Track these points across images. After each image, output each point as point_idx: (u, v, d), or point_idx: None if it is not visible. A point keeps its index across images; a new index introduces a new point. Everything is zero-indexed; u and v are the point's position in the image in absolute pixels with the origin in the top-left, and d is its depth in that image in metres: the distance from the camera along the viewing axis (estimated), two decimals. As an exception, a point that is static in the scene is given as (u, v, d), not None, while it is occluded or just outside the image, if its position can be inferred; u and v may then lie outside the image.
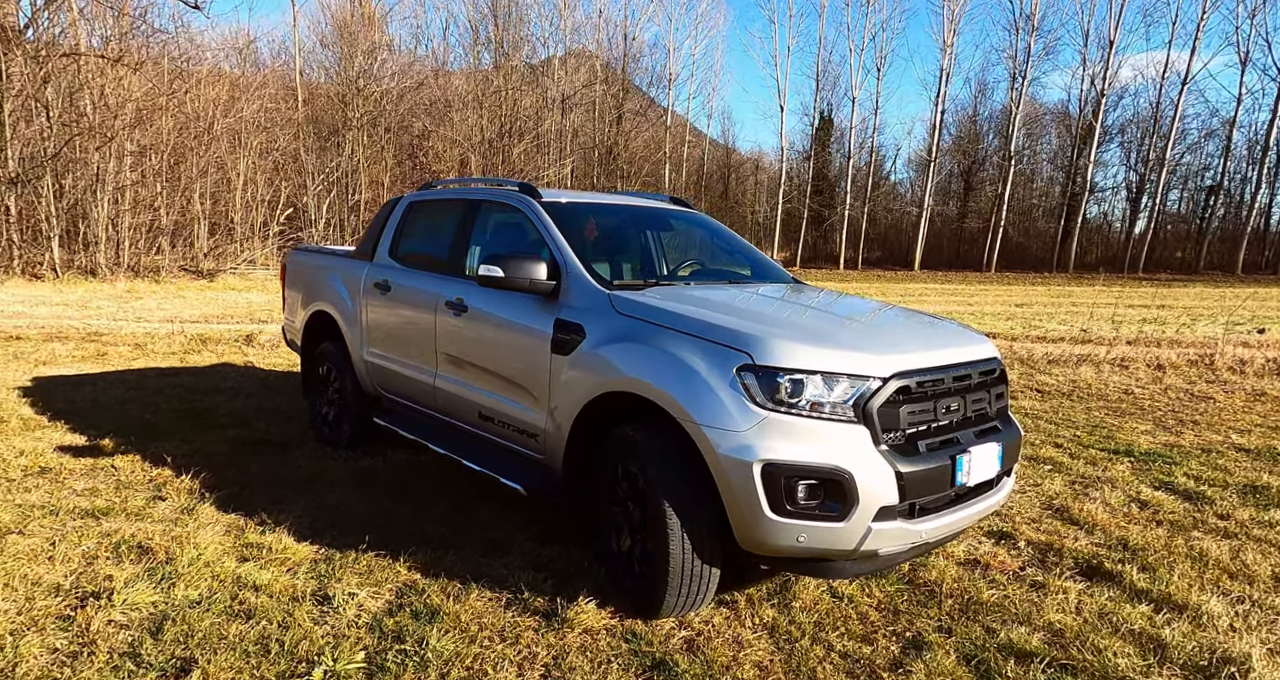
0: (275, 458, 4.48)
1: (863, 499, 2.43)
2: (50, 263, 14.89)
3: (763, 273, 4.22)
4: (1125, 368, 8.76)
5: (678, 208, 4.47)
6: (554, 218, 3.49)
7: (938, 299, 20.48)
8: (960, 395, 2.81)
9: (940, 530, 2.71)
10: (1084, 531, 3.82)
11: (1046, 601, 3.04)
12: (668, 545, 2.58)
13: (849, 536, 2.47)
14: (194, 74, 18.80)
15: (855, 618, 2.90)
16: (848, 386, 2.52)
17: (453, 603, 2.80)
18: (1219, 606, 2.99)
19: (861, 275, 36.43)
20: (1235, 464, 5.06)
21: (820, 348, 2.58)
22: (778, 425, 2.45)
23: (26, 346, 7.87)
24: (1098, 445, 5.51)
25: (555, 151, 30.43)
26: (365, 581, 2.94)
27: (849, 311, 3.33)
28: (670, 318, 2.80)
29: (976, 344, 3.10)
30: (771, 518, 2.43)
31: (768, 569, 2.76)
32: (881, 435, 2.53)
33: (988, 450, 2.80)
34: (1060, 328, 12.80)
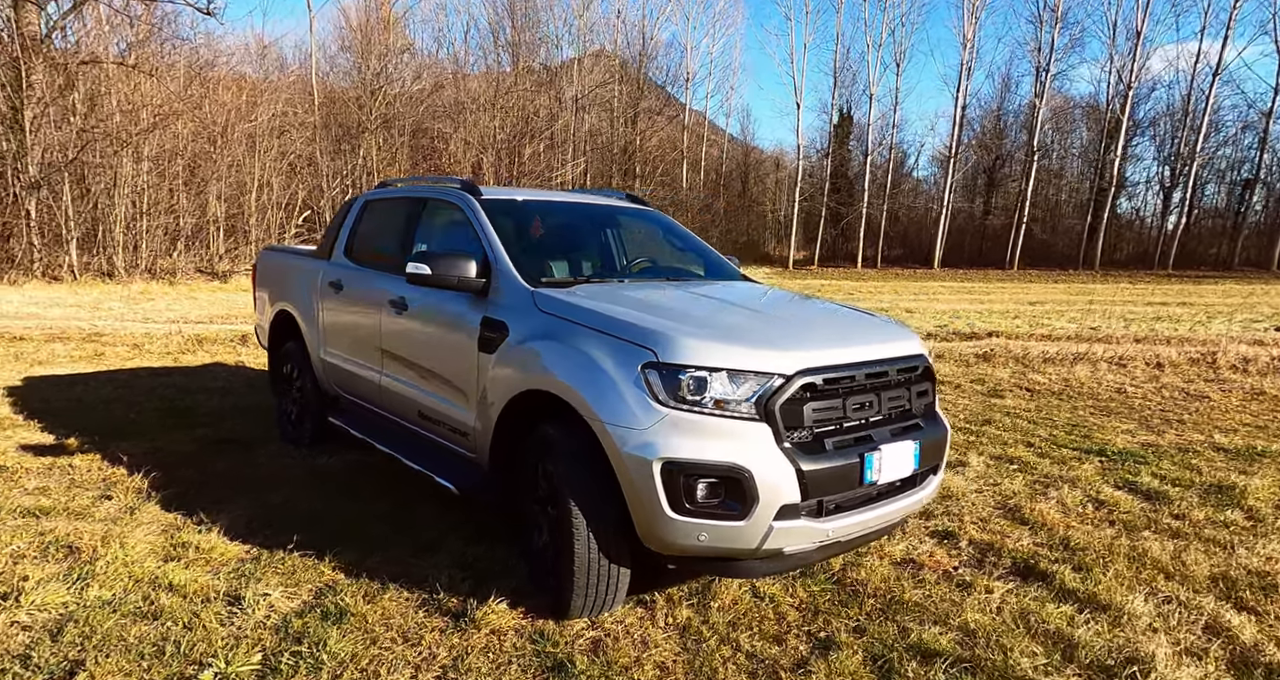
0: (235, 456, 4.58)
1: (763, 497, 2.41)
2: (69, 265, 15.36)
3: (715, 270, 4.21)
4: (1123, 366, 8.58)
5: (632, 206, 4.47)
6: (490, 215, 3.50)
7: (950, 297, 20.19)
8: (875, 392, 2.78)
9: (852, 529, 2.69)
10: (1030, 531, 3.77)
11: (969, 601, 3.01)
12: (573, 545, 2.59)
13: (750, 535, 2.45)
14: (211, 79, 19.22)
15: (772, 618, 2.89)
16: (751, 384, 2.50)
17: (365, 603, 2.82)
18: (1143, 607, 2.94)
19: (879, 273, 36.01)
20: (1209, 464, 4.94)
21: (725, 345, 2.55)
22: (679, 423, 2.43)
23: (28, 347, 8.14)
24: (1072, 444, 5.41)
25: (568, 152, 30.55)
26: (286, 582, 2.97)
27: (775, 309, 3.31)
28: (586, 315, 2.80)
29: (899, 341, 3.07)
30: (672, 516, 2.42)
31: (675, 568, 2.74)
32: (785, 433, 2.50)
33: (902, 448, 2.76)
34: (1068, 326, 12.56)
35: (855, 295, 20.33)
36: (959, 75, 40.57)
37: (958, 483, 4.49)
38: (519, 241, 3.60)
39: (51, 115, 15.28)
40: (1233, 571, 3.28)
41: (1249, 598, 3.05)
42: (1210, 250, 42.26)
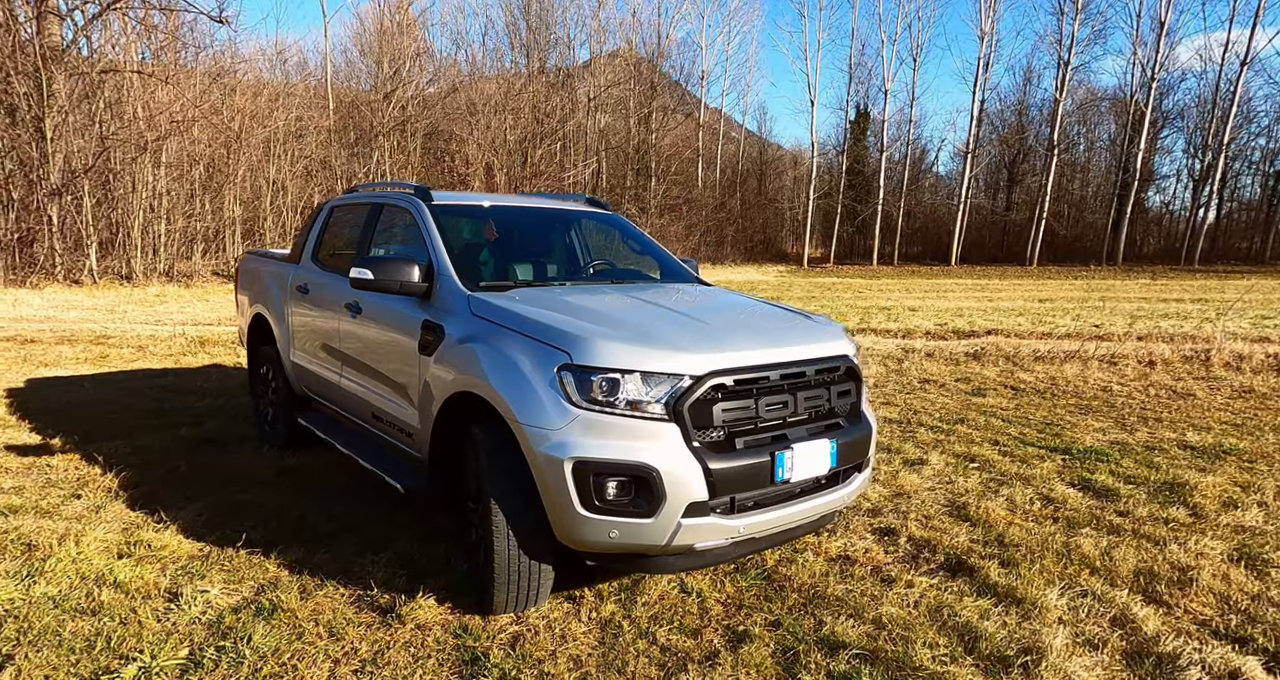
0: (210, 456, 4.76)
1: (670, 495, 2.50)
2: (89, 269, 15.86)
3: (670, 273, 4.30)
4: (1113, 364, 8.52)
5: (592, 210, 4.57)
6: (437, 219, 3.61)
7: (960, 294, 20.02)
8: (791, 393, 2.85)
9: (766, 525, 2.76)
10: (971, 528, 3.82)
11: (889, 596, 3.09)
12: (493, 542, 2.68)
13: (659, 532, 2.53)
14: (228, 85, 19.68)
15: (695, 612, 2.96)
16: (662, 386, 2.57)
17: (299, 600, 2.91)
18: (1056, 600, 3.00)
19: (895, 271, 35.73)
20: (1170, 462, 4.94)
21: (638, 348, 2.62)
22: (591, 423, 2.52)
23: (37, 349, 8.47)
24: (1039, 443, 5.43)
25: (580, 152, 30.74)
26: (229, 578, 3.07)
27: (706, 312, 3.38)
28: (512, 319, 2.90)
29: (823, 342, 3.12)
30: (583, 514, 2.51)
31: (594, 565, 2.81)
32: (694, 433, 2.58)
33: (817, 447, 2.83)
34: (1071, 324, 12.43)
35: (864, 293, 20.25)
36: (976, 70, 40.09)
37: (913, 481, 4.54)
38: (466, 245, 3.72)
39: (72, 123, 15.77)
40: (1157, 567, 3.32)
41: (1164, 592, 3.09)
42: (1242, 244, 41.32)
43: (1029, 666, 2.55)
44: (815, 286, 23.37)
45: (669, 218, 32.08)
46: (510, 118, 24.97)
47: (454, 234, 3.67)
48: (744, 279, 26.21)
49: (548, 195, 4.80)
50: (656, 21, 40.93)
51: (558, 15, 36.89)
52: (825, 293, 20.31)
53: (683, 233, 32.30)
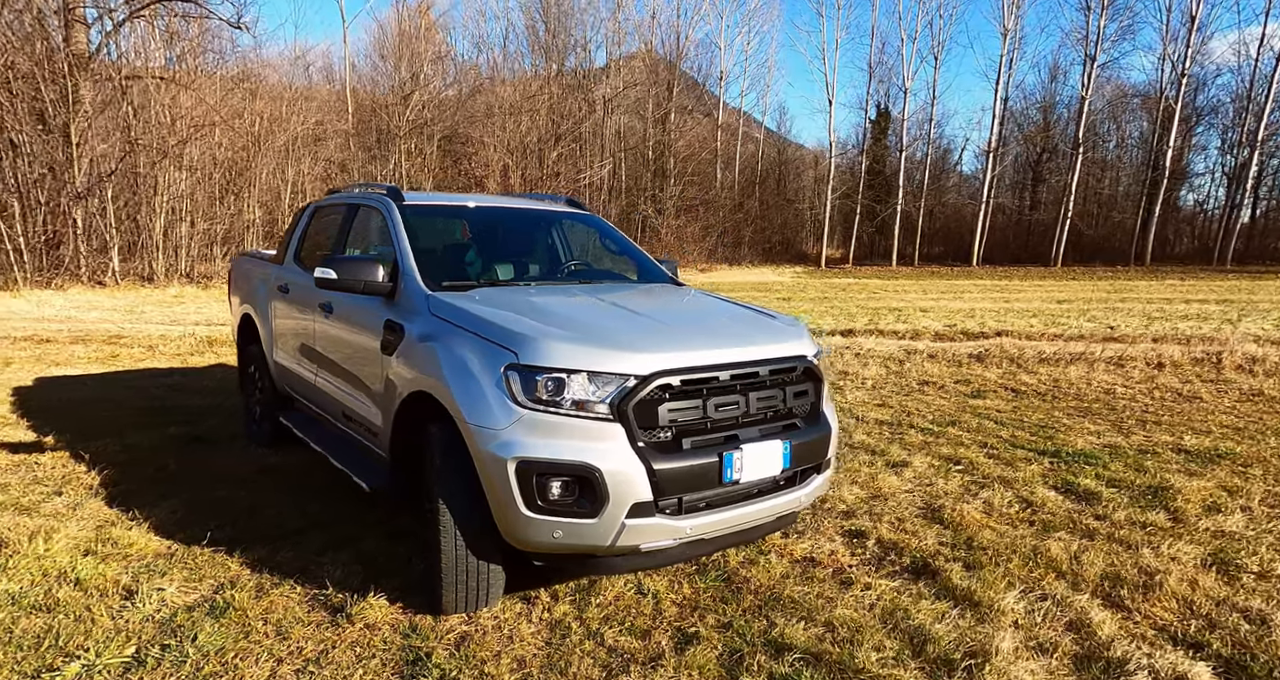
0: (196, 454, 4.85)
1: (613, 496, 2.49)
2: (112, 270, 16.28)
3: (646, 274, 4.30)
4: (1120, 367, 8.35)
5: (570, 211, 4.59)
6: (406, 220, 3.64)
7: (977, 296, 19.73)
8: (743, 393, 2.83)
9: (716, 526, 2.75)
10: (942, 531, 3.79)
11: (845, 598, 3.08)
12: (440, 542, 2.69)
13: (603, 532, 2.53)
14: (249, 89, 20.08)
15: (649, 613, 2.95)
16: (606, 385, 2.57)
17: (254, 598, 2.93)
18: (1014, 604, 2.97)
19: (914, 272, 35.29)
20: (1161, 465, 4.83)
21: (583, 347, 2.62)
22: (535, 423, 2.52)
23: (52, 349, 8.72)
24: (1029, 446, 5.35)
25: (597, 153, 30.85)
26: (190, 576, 3.11)
27: (665, 313, 3.38)
28: (466, 318, 2.91)
29: (781, 342, 3.11)
30: (527, 514, 2.51)
31: (541, 565, 2.79)
32: (640, 433, 2.57)
33: (769, 448, 2.81)
34: (1086, 325, 12.20)
35: (878, 294, 20.05)
36: (999, 68, 39.50)
37: (892, 483, 4.50)
38: (438, 246, 3.76)
39: (97, 128, 16.19)
40: (1124, 571, 3.26)
41: (1127, 596, 3.04)
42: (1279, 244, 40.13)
43: (973, 670, 2.52)
44: (830, 287, 23.19)
45: (685, 218, 32.04)
46: (527, 120, 25.15)
47: (424, 234, 3.71)
48: (758, 280, 26.11)
49: (529, 196, 4.84)
50: (676, 23, 40.94)
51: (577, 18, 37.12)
52: (839, 293, 20.14)
53: (699, 234, 32.24)
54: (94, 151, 16.03)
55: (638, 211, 31.38)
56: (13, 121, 15.56)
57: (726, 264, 33.68)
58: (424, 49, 25.79)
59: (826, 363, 8.48)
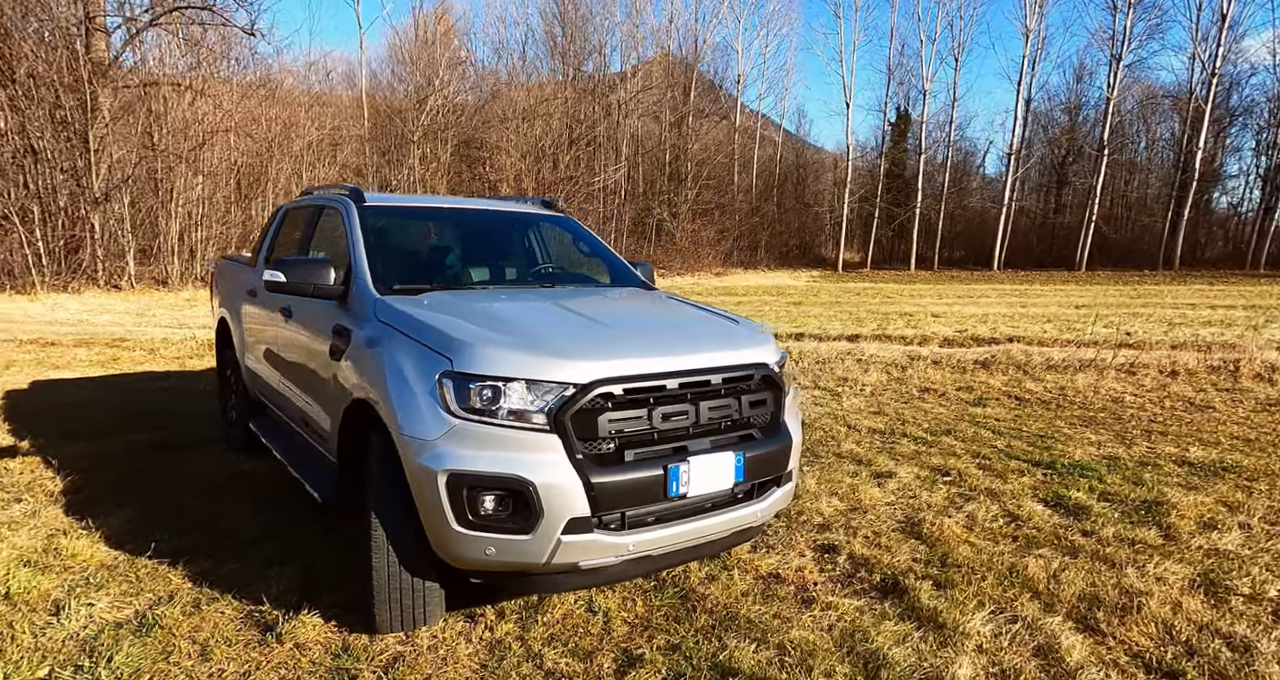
0: (168, 461, 4.77)
1: (548, 511, 2.37)
2: (128, 274, 16.53)
3: (618, 277, 4.19)
4: (1132, 374, 8.07)
5: (543, 212, 4.49)
6: (365, 221, 3.55)
7: (994, 300, 19.34)
8: (692, 402, 2.70)
9: (662, 542, 2.62)
10: (919, 546, 3.63)
11: (804, 618, 2.94)
12: (371, 557, 2.58)
13: (537, 549, 2.41)
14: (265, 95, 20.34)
15: (596, 633, 2.82)
16: (543, 394, 2.45)
17: (184, 615, 2.83)
18: (981, 626, 2.81)
19: (933, 276, 34.77)
20: (1161, 478, 4.61)
21: (521, 354, 2.50)
22: (468, 434, 2.40)
23: (55, 352, 8.82)
24: (1024, 456, 5.15)
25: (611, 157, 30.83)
26: (128, 590, 3.02)
27: (619, 318, 3.23)
28: (409, 323, 2.80)
29: (738, 349, 2.96)
30: (458, 530, 2.39)
31: (479, 582, 2.65)
32: (578, 444, 2.45)
33: (719, 461, 2.68)
34: (1102, 331, 11.87)
35: (893, 298, 19.75)
36: (1021, 69, 38.87)
37: (874, 495, 4.35)
38: (397, 248, 3.67)
39: (114, 134, 16.48)
40: (1104, 592, 3.08)
41: (1103, 619, 2.86)
42: (1317, 247, 38.89)
43: (923, 699, 2.37)
44: (844, 291, 22.88)
45: (701, 222, 31.87)
46: (541, 124, 25.21)
47: (385, 236, 3.63)
48: (772, 284, 25.88)
49: (505, 199, 4.75)
50: (694, 27, 40.86)
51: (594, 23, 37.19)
52: (851, 298, 19.87)
53: (715, 237, 32.05)
54: (112, 157, 16.31)
55: (652, 215, 31.26)
56: (34, 128, 15.89)
57: (742, 268, 33.45)
58: (439, 54, 25.98)
59: (794, 369, 8.29)
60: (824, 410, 6.59)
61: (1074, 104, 43.19)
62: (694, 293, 21.40)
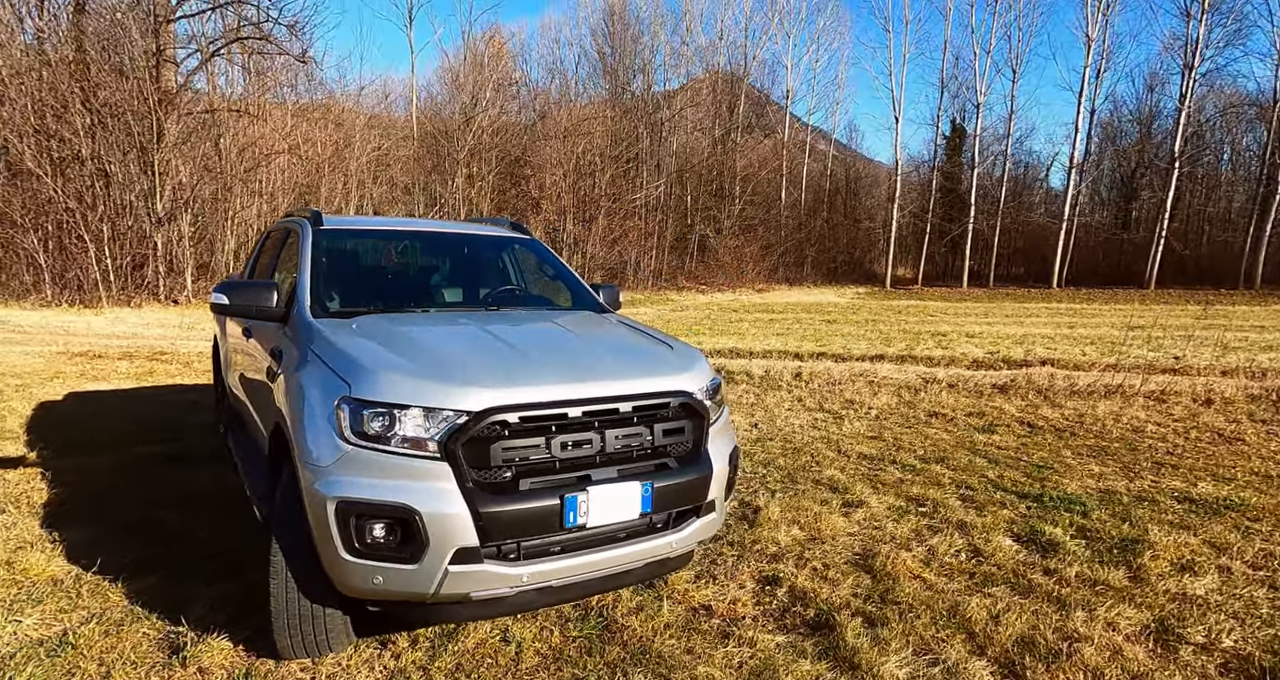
0: (160, 473, 4.92)
1: (434, 540, 2.35)
2: (186, 289, 17.49)
3: (578, 300, 4.17)
4: (1161, 402, 7.63)
5: (507, 234, 4.51)
6: (318, 243, 3.64)
7: (1044, 320, 18.58)
8: (598, 431, 2.67)
9: (560, 573, 2.58)
10: (865, 580, 3.51)
11: (719, 654, 2.88)
12: (270, 583, 2.59)
13: (424, 579, 2.39)
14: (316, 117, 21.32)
15: (504, 664, 2.79)
16: (435, 421, 2.44)
17: (104, 636, 2.83)
18: (896, 669, 2.70)
19: (986, 294, 33.61)
20: (1153, 515, 4.34)
21: (419, 381, 2.50)
22: (359, 460, 2.40)
23: (99, 364, 9.39)
24: (1013, 488, 4.93)
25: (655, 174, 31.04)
26: (64, 607, 3.05)
27: (538, 342, 3.21)
28: (325, 347, 2.83)
29: (655, 376, 2.91)
30: (347, 558, 2.38)
31: (377, 610, 2.62)
32: (470, 473, 2.44)
33: (623, 490, 2.63)
34: (1149, 354, 11.27)
35: (933, 317, 19.20)
36: (1082, 79, 37.50)
37: (837, 524, 4.23)
38: (342, 271, 3.76)
39: (177, 158, 17.54)
40: (1042, 636, 2.91)
41: (1029, 666, 2.71)
42: None
43: (804, 743, 2.29)
44: (886, 309, 22.36)
45: (744, 238, 31.71)
46: (584, 142, 25.63)
47: (336, 258, 3.74)
48: (813, 301, 25.48)
49: (477, 221, 4.85)
50: (743, 44, 41.00)
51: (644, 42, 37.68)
52: (892, 316, 19.39)
53: (759, 253, 31.82)
54: (175, 180, 17.35)
55: (694, 231, 31.27)
56: (108, 154, 17.05)
57: (786, 284, 33.07)
58: (486, 75, 26.77)
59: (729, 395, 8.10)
60: (819, 434, 6.45)
61: (1146, 115, 41.33)
62: (729, 309, 21.24)
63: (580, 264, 24.18)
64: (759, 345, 11.25)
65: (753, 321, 16.51)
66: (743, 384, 8.53)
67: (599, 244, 24.35)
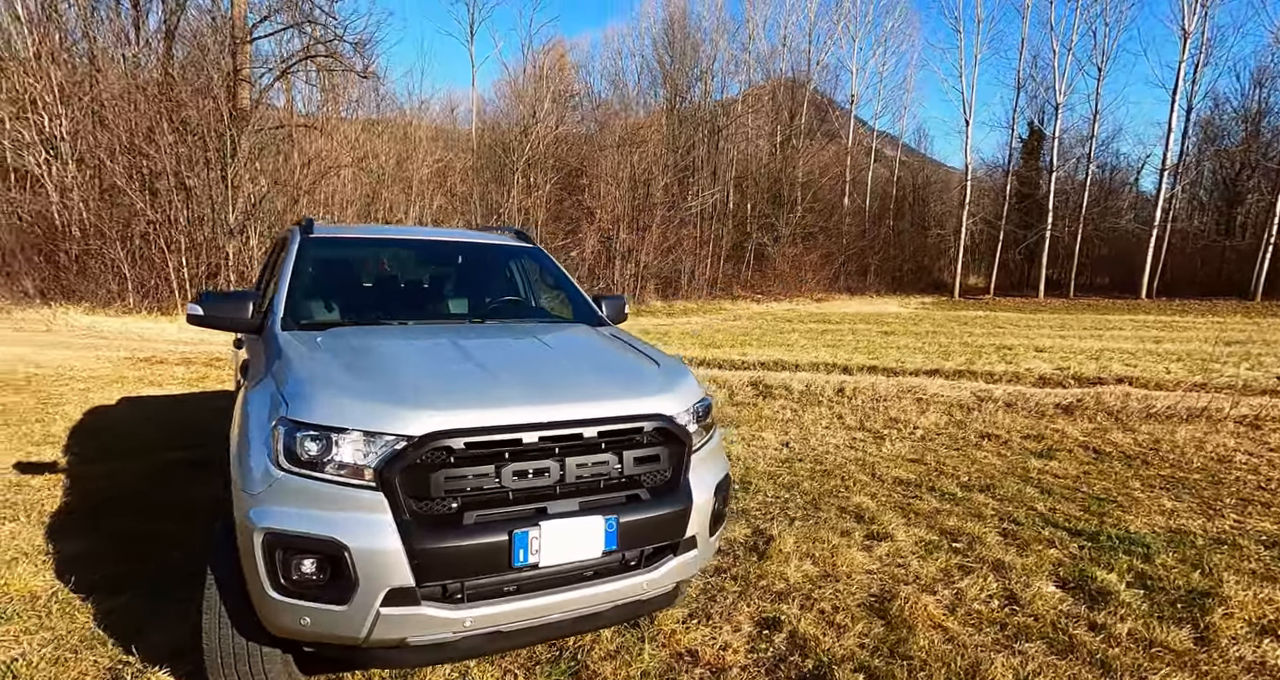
0: (178, 482, 4.92)
1: (363, 579, 2.13)
2: (253, 298, 18.24)
3: (578, 312, 3.95)
4: (1255, 428, 6.84)
5: (510, 243, 4.34)
6: (303, 252, 3.53)
7: (1128, 333, 17.28)
8: (559, 459, 2.40)
9: (510, 617, 2.32)
10: (877, 628, 3.14)
11: (692, 705, 2.58)
12: (203, 618, 2.41)
13: (354, 623, 2.17)
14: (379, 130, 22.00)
15: None
16: (377, 447, 2.23)
17: (52, 664, 2.74)
18: (887, 746, 2.32)
19: (1064, 304, 31.72)
20: (1232, 561, 3.77)
21: (357, 402, 2.29)
22: (292, 489, 2.20)
23: (160, 369, 9.76)
24: (1066, 524, 4.41)
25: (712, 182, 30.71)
26: (28, 628, 2.97)
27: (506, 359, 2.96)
28: (277, 363, 2.67)
29: (630, 398, 2.63)
30: (273, 595, 2.18)
31: (312, 651, 2.39)
32: (409, 504, 2.21)
33: (584, 525, 2.36)
34: (1246, 373, 10.26)
35: (1003, 329, 18.14)
36: (1177, 76, 35.09)
37: (856, 560, 3.85)
38: (325, 280, 3.63)
39: (248, 171, 18.37)
40: (1071, 715, 2.48)
41: (1049, 754, 2.29)
42: None
43: None
44: (950, 320, 21.30)
45: (804, 246, 30.94)
46: (637, 150, 25.60)
47: (323, 268, 3.63)
48: (874, 311, 24.54)
49: (487, 230, 4.70)
50: (807, 49, 40.23)
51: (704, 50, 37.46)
52: (954, 328, 18.42)
53: (819, 262, 31.00)
54: (246, 192, 18.15)
55: (751, 239, 30.71)
56: (187, 169, 17.99)
57: (847, 293, 32.08)
58: (544, 87, 27.11)
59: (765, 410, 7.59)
60: (855, 455, 6.02)
61: (1253, 112, 38.26)
62: (782, 319, 20.62)
63: (633, 273, 24.06)
64: (806, 357, 10.77)
65: (805, 332, 15.95)
66: (780, 399, 8.12)
67: (653, 252, 24.16)
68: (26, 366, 9.51)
